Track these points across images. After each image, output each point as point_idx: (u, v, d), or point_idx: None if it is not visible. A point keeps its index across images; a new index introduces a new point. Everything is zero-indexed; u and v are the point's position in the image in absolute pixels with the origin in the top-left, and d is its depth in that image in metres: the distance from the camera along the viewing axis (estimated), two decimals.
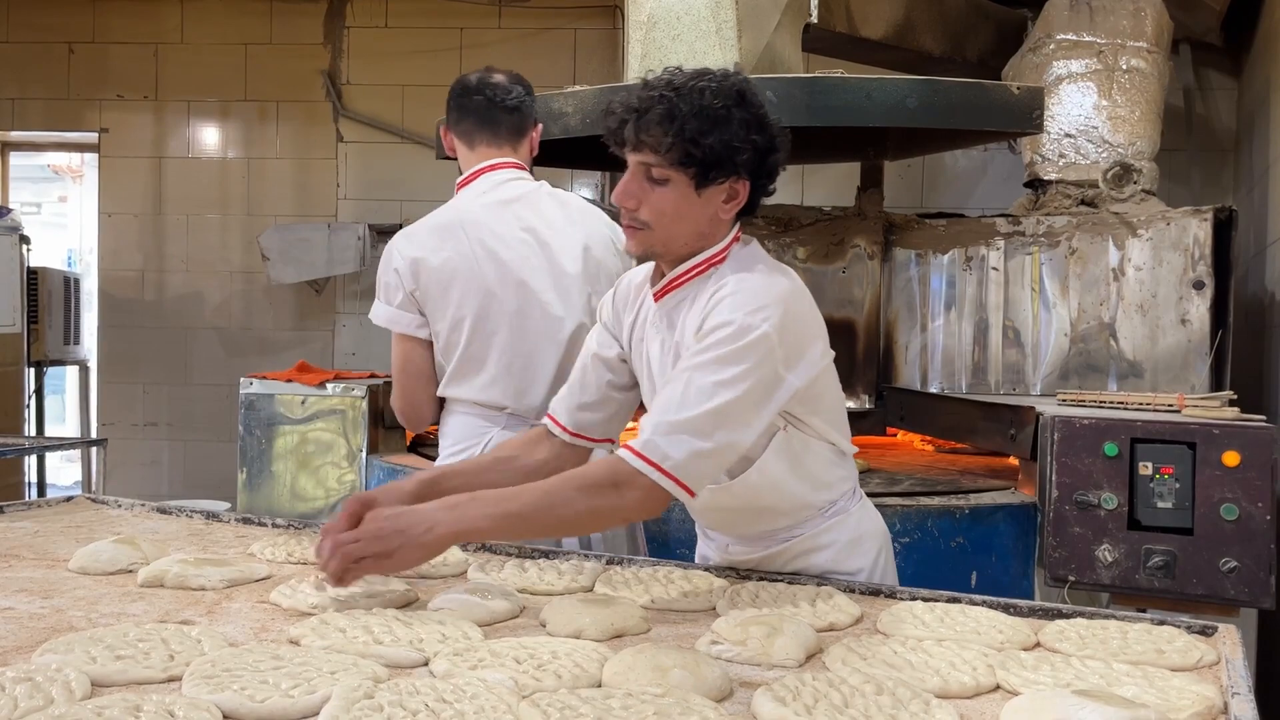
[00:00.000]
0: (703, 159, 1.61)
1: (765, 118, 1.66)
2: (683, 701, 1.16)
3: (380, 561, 1.54)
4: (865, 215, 3.41)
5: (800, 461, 1.73)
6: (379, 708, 1.12)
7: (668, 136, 1.60)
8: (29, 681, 1.16)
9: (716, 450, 1.57)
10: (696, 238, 1.69)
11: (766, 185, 1.71)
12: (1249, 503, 2.25)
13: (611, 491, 1.57)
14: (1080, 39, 3.69)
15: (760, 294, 1.62)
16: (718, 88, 1.62)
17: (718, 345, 1.58)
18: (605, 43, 5.89)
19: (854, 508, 1.84)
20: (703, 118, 1.59)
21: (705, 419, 1.56)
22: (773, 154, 1.67)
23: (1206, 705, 1.19)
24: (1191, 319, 3.18)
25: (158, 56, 6.21)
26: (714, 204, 1.67)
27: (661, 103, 1.61)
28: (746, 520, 1.81)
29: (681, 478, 1.56)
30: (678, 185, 1.64)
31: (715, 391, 1.56)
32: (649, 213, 1.66)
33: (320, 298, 6.10)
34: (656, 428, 1.57)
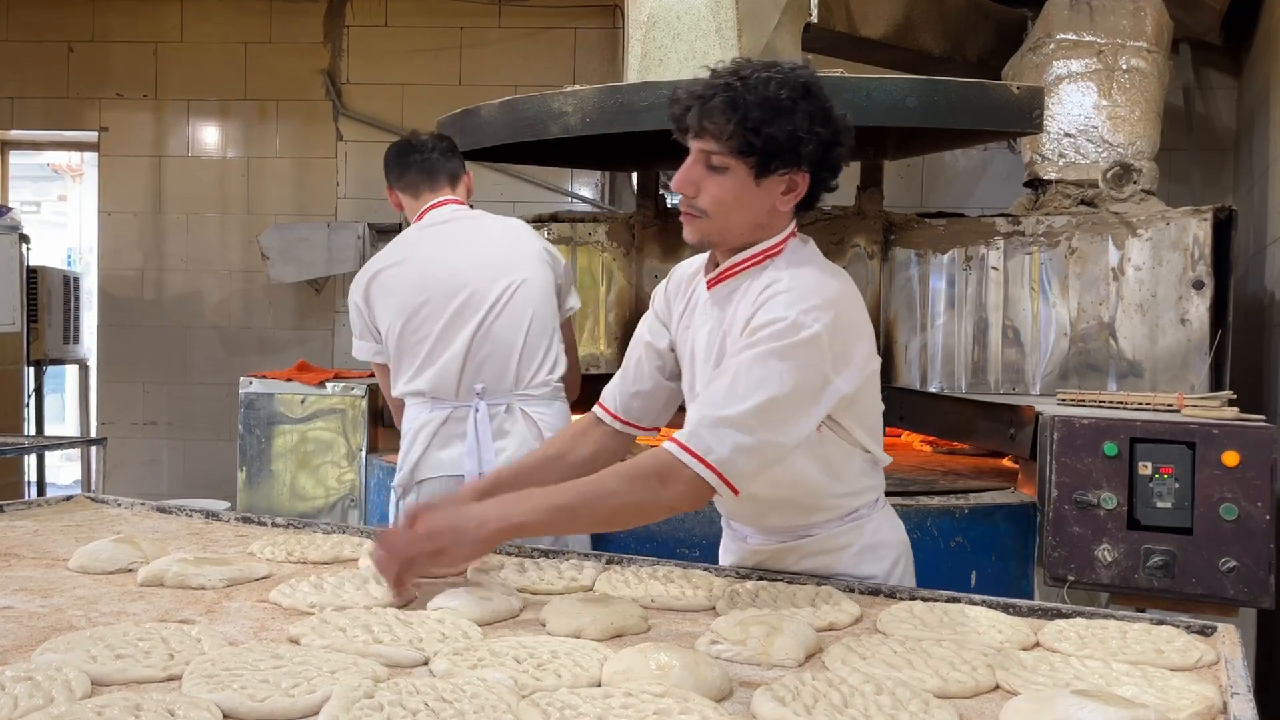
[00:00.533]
0: (763, 148, 1.60)
1: (831, 111, 1.64)
2: (683, 701, 1.16)
3: (434, 559, 1.55)
4: (865, 214, 3.41)
5: (833, 465, 1.74)
6: (379, 707, 1.12)
7: (730, 124, 1.59)
8: (29, 680, 1.16)
9: (760, 447, 1.56)
10: (753, 228, 1.68)
11: (828, 179, 1.69)
12: (1248, 502, 2.25)
13: (656, 484, 1.56)
14: (1080, 38, 3.69)
15: (814, 293, 1.61)
16: (783, 79, 1.61)
17: (768, 340, 1.57)
18: (605, 42, 5.89)
19: (875, 514, 1.83)
20: (766, 107, 1.58)
21: (751, 415, 1.55)
22: (836, 148, 1.66)
23: (1206, 705, 1.19)
24: (1191, 319, 3.18)
25: (157, 55, 6.21)
26: (773, 195, 1.65)
27: (726, 91, 1.60)
28: (763, 510, 1.81)
29: (725, 472, 1.55)
30: (737, 174, 1.63)
31: (762, 387, 1.55)
32: (707, 200, 1.65)
33: (320, 297, 6.10)
34: (702, 420, 1.56)
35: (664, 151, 3.65)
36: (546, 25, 5.93)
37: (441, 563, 1.58)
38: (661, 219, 3.56)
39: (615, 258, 3.55)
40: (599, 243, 3.57)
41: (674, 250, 3.52)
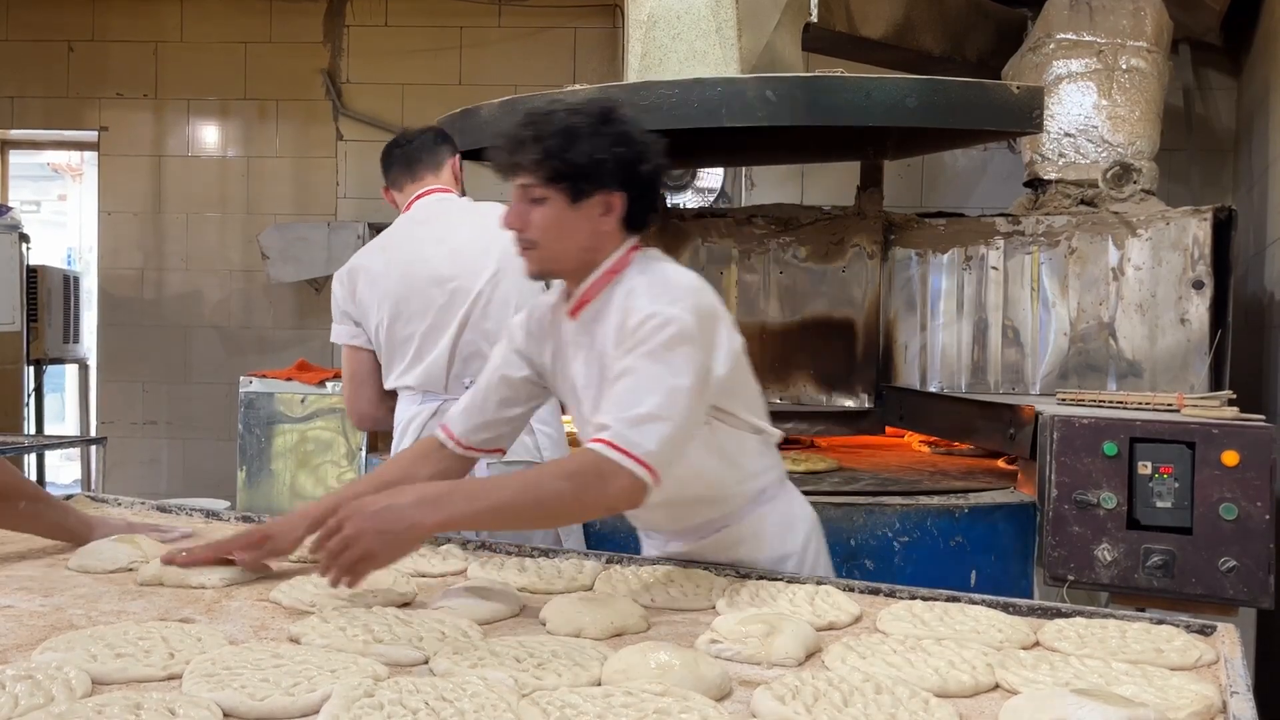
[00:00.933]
0: (570, 173, 1.69)
1: (631, 132, 1.74)
2: (683, 700, 1.16)
3: (370, 561, 1.55)
4: (865, 214, 3.41)
5: (727, 452, 1.81)
6: (379, 706, 1.12)
7: (535, 156, 1.69)
8: (29, 679, 1.16)
9: (676, 435, 1.62)
10: (582, 251, 1.76)
11: (646, 196, 1.77)
12: (1248, 502, 2.25)
13: (597, 481, 1.59)
14: (1080, 38, 3.69)
15: (671, 286, 1.71)
16: (582, 109, 1.73)
17: (650, 336, 1.64)
18: (605, 42, 5.89)
19: (781, 493, 1.92)
20: (566, 135, 1.69)
21: (665, 406, 1.60)
22: (640, 164, 1.74)
23: (1205, 704, 1.20)
24: (1191, 318, 3.18)
25: (157, 55, 6.21)
26: (592, 217, 1.74)
27: (530, 127, 1.71)
28: (680, 514, 1.87)
29: (653, 464, 1.59)
30: (555, 202, 1.72)
31: (662, 380, 1.62)
32: (534, 232, 1.74)
33: (320, 296, 6.09)
34: (619, 422, 1.60)
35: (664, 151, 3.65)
36: (547, 25, 5.93)
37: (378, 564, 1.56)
38: (661, 218, 3.56)
39: None
40: None
41: (673, 250, 3.52)
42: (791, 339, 3.44)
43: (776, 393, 3.44)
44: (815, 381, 3.43)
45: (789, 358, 3.44)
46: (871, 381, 3.39)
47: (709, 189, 5.66)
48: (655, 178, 1.77)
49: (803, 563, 1.89)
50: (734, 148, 3.82)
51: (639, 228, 1.80)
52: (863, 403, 3.39)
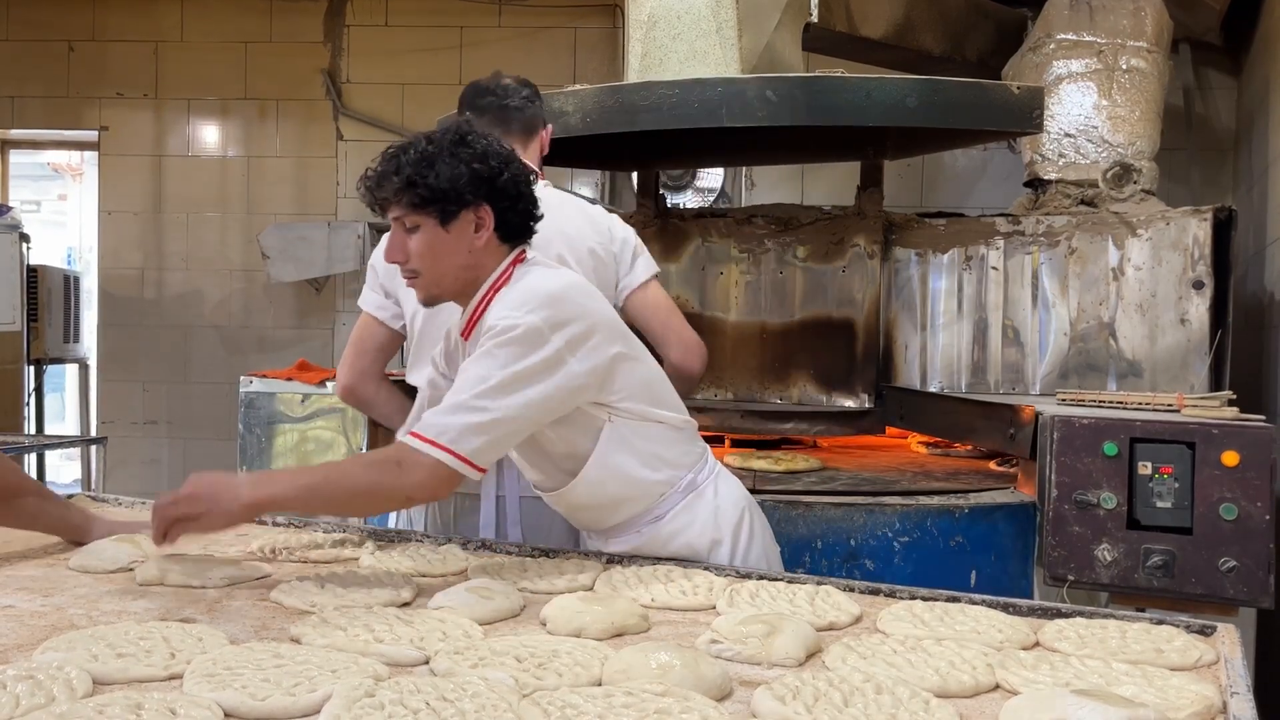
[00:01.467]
0: (432, 196, 1.75)
1: (487, 148, 1.80)
2: (683, 700, 1.16)
3: (190, 523, 1.64)
4: (865, 214, 3.41)
5: (634, 446, 1.86)
6: (380, 706, 1.12)
7: (397, 186, 1.76)
8: (30, 679, 1.17)
9: (489, 424, 1.68)
10: (462, 270, 1.82)
11: (514, 206, 1.83)
12: (1248, 502, 2.25)
13: (395, 469, 1.67)
14: (1080, 38, 3.69)
15: (527, 294, 1.76)
16: (438, 136, 1.79)
17: (488, 340, 1.73)
18: (605, 41, 5.89)
19: (709, 482, 1.95)
20: (421, 162, 1.75)
21: (474, 399, 1.69)
22: (499, 176, 1.79)
23: (1205, 704, 1.20)
24: (1191, 319, 3.18)
25: (157, 54, 6.21)
26: (465, 236, 1.79)
27: (390, 161, 1.78)
28: (606, 514, 1.93)
29: (459, 450, 1.66)
30: (427, 227, 1.78)
31: (484, 377, 1.70)
32: (415, 260, 1.81)
33: (320, 296, 6.10)
34: (432, 413, 1.71)
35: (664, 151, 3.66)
36: (546, 25, 5.93)
37: (196, 528, 1.66)
38: (661, 218, 3.56)
39: None
40: None
41: (674, 250, 3.52)
42: (791, 339, 3.44)
43: (776, 393, 3.44)
44: (815, 381, 3.43)
45: (789, 358, 3.44)
46: (871, 381, 3.39)
47: (709, 189, 5.67)
48: (519, 186, 1.83)
49: (735, 546, 1.94)
50: (734, 147, 3.82)
51: (518, 237, 1.86)
52: (863, 403, 3.38)
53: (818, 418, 3.36)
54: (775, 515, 2.50)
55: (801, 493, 2.57)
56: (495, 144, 1.83)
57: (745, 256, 3.48)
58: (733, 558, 1.93)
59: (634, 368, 1.87)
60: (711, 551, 1.92)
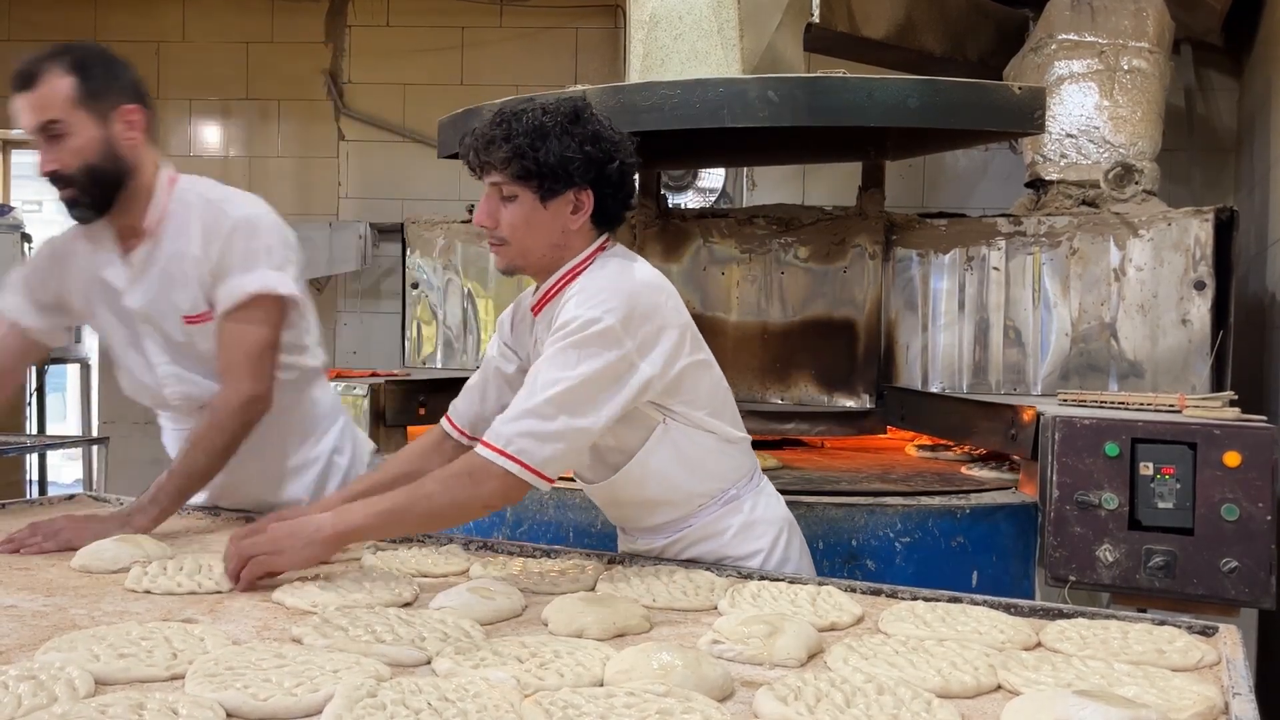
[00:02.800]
0: (538, 171, 1.72)
1: (600, 131, 1.78)
2: (685, 700, 1.16)
3: (271, 559, 1.65)
4: (866, 215, 3.41)
5: (683, 452, 1.83)
6: (381, 706, 1.12)
7: (505, 154, 1.73)
8: (32, 680, 1.17)
9: (559, 433, 1.66)
10: (551, 248, 1.80)
11: (616, 194, 1.81)
12: (1249, 503, 2.25)
13: (469, 483, 1.67)
14: (1082, 39, 3.69)
15: (604, 290, 1.73)
16: (552, 108, 1.76)
17: (560, 339, 1.70)
18: (607, 42, 5.89)
19: (749, 494, 1.92)
20: (535, 134, 1.72)
21: (545, 405, 1.66)
22: (610, 163, 1.77)
23: (1207, 705, 1.20)
24: (1192, 319, 3.18)
25: (159, 55, 6.21)
26: (562, 215, 1.77)
27: (501, 126, 1.74)
28: (641, 513, 1.92)
29: (528, 461, 1.66)
30: (525, 200, 1.75)
31: (555, 381, 1.67)
32: (505, 229, 1.78)
33: (321, 296, 6.09)
34: (502, 420, 1.69)
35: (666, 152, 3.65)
36: (548, 25, 5.93)
37: (277, 564, 1.66)
38: (663, 219, 3.56)
39: None
40: None
41: (675, 250, 3.52)
42: (793, 339, 3.44)
43: (778, 393, 3.44)
44: (816, 382, 3.43)
45: (790, 358, 3.44)
46: (872, 382, 3.39)
47: (710, 189, 5.66)
48: (625, 175, 1.81)
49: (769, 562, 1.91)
50: (735, 148, 3.82)
51: (610, 225, 1.85)
52: (864, 403, 3.39)
53: (819, 418, 3.36)
54: None
55: (803, 493, 2.57)
56: (609, 127, 1.80)
57: (746, 257, 3.48)
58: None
59: (701, 374, 1.83)
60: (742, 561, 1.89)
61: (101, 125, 2.05)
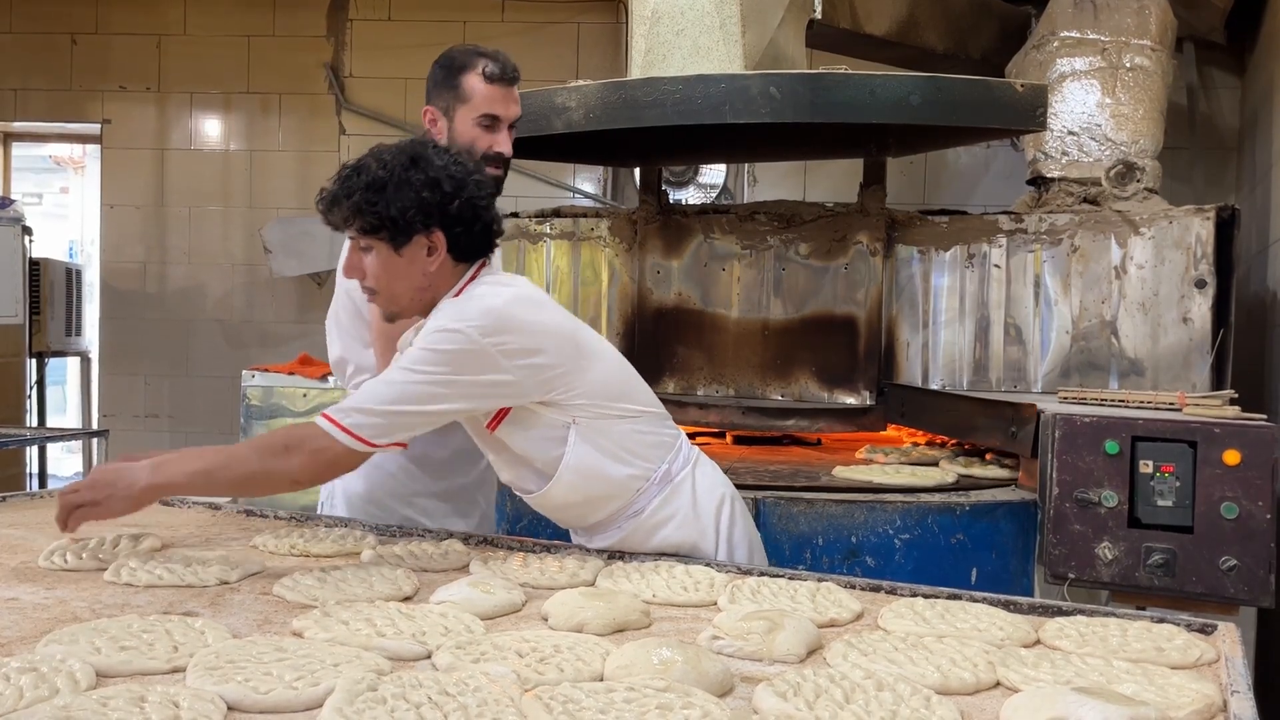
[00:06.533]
0: (380, 224, 1.77)
1: (438, 175, 1.79)
2: (685, 695, 1.16)
3: (92, 509, 1.70)
4: (867, 212, 3.41)
5: (604, 444, 1.87)
6: (382, 700, 1.12)
7: (347, 212, 1.79)
8: (34, 672, 1.17)
9: (391, 414, 1.74)
10: (418, 291, 1.85)
11: (468, 230, 1.84)
12: (1249, 501, 2.25)
13: (281, 453, 1.74)
14: (1084, 36, 3.69)
15: (465, 307, 1.79)
16: (390, 159, 1.79)
17: (416, 348, 1.77)
18: (608, 37, 5.89)
19: (687, 467, 1.96)
20: (371, 189, 1.77)
21: (384, 389, 1.75)
22: (453, 202, 1.80)
23: (1206, 703, 1.20)
24: (1193, 317, 3.18)
25: (160, 48, 6.20)
26: (418, 260, 1.82)
27: (342, 185, 1.79)
28: (587, 512, 1.94)
29: (350, 426, 1.72)
30: (380, 250, 1.81)
31: (402, 375, 1.75)
32: (370, 280, 1.85)
33: (322, 291, 6.09)
34: (347, 400, 1.78)
35: (667, 147, 3.65)
36: (550, 20, 5.92)
37: (97, 514, 1.71)
38: (664, 215, 3.56)
39: (617, 253, 3.56)
40: (601, 238, 3.57)
41: (676, 246, 3.52)
42: (793, 336, 3.44)
43: (778, 389, 3.44)
44: (817, 378, 3.43)
45: (791, 355, 3.44)
46: (873, 379, 3.39)
47: (711, 185, 5.66)
48: (474, 209, 1.83)
49: (719, 535, 1.96)
50: (737, 144, 3.82)
51: (474, 257, 1.88)
52: (864, 400, 3.38)
53: (819, 414, 3.36)
54: (776, 511, 2.51)
55: (803, 489, 2.58)
56: (451, 165, 1.82)
57: (747, 253, 3.48)
58: (717, 548, 1.94)
59: (586, 373, 1.86)
60: (697, 544, 1.93)
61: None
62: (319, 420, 1.74)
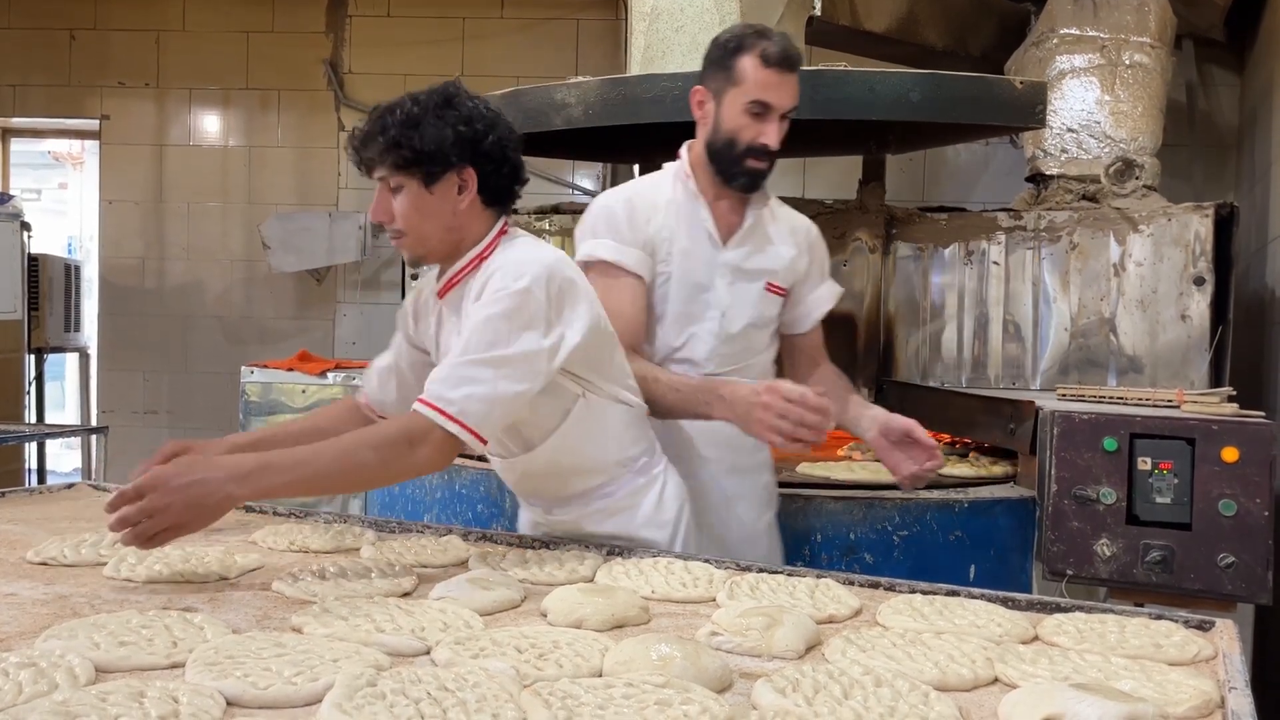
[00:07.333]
0: (416, 157, 1.78)
1: (472, 112, 1.82)
2: (683, 691, 1.16)
3: (177, 532, 1.56)
4: (867, 209, 3.41)
5: (600, 424, 1.92)
6: (381, 695, 1.12)
7: (382, 147, 1.79)
8: (33, 667, 1.17)
9: (496, 395, 1.71)
10: (447, 231, 1.85)
11: (498, 169, 1.85)
12: (1247, 499, 2.25)
13: (406, 448, 1.69)
14: (1084, 34, 3.69)
15: (523, 262, 1.79)
16: (424, 98, 1.82)
17: (490, 305, 1.75)
18: (608, 33, 5.89)
19: (656, 467, 2.03)
20: (407, 124, 1.78)
21: (481, 366, 1.71)
22: (484, 139, 1.82)
23: (1204, 699, 1.20)
24: (1192, 315, 3.19)
25: (159, 44, 6.20)
26: (449, 197, 1.83)
27: (376, 122, 1.81)
28: (558, 484, 1.98)
29: (467, 421, 1.69)
30: (411, 188, 1.81)
31: (490, 341, 1.72)
32: (399, 220, 1.84)
33: (321, 287, 6.10)
34: (437, 379, 1.73)
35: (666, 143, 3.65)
36: (549, 16, 5.92)
37: (184, 534, 1.58)
38: None
39: None
40: None
41: None
42: None
43: None
44: None
45: None
46: (872, 375, 3.39)
47: None
48: (505, 150, 1.85)
49: (675, 535, 2.01)
50: None
51: (502, 202, 1.89)
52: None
53: None
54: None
55: (801, 486, 2.58)
56: (482, 106, 1.84)
57: None
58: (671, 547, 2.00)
59: (614, 347, 1.92)
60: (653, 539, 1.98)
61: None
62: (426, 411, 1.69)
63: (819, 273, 2.38)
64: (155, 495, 1.53)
